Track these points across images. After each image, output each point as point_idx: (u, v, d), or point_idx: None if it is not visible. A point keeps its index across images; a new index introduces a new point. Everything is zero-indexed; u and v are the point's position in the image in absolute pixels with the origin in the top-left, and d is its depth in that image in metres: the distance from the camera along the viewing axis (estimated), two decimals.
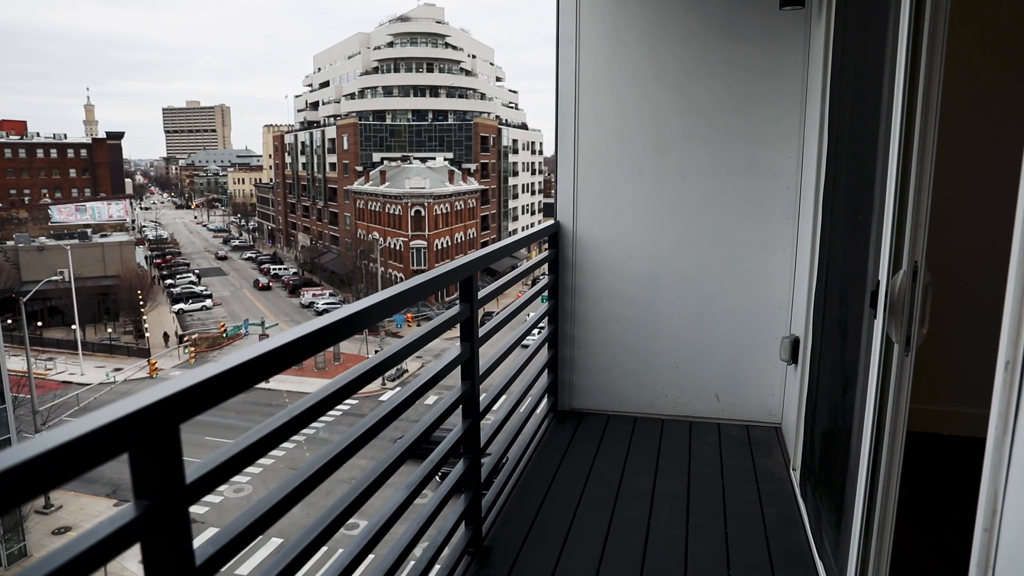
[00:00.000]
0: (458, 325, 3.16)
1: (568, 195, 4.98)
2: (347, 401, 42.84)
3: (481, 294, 3.26)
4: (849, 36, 3.40)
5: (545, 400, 5.01)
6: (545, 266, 4.97)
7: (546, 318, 4.99)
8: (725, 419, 5.02)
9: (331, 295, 73.55)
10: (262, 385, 45.74)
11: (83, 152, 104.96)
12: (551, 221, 5.03)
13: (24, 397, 36.78)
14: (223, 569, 1.57)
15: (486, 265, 3.25)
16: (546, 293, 4.97)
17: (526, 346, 4.66)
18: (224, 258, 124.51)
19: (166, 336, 64.26)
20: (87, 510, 33.09)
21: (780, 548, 3.43)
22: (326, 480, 2.03)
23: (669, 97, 4.73)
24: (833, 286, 3.49)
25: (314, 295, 73.88)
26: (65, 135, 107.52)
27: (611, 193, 4.92)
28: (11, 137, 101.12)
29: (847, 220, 3.24)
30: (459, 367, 3.17)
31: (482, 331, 3.35)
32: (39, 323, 58.35)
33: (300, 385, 49.12)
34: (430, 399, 46.52)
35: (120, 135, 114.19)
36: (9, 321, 55.11)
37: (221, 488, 29.59)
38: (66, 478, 1.10)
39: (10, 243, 62.68)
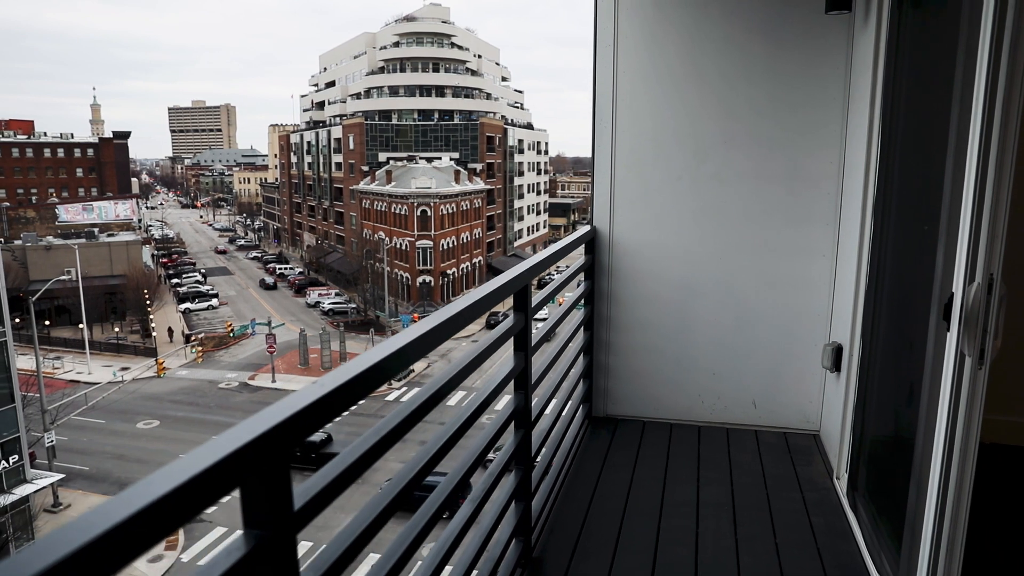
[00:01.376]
0: (509, 334, 3.13)
1: (605, 200, 4.95)
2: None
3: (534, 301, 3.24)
4: (904, 41, 3.36)
5: (580, 407, 4.98)
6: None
7: (581, 325, 4.96)
8: (763, 426, 4.99)
9: (337, 295, 73.62)
10: (269, 385, 45.09)
11: (90, 152, 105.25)
12: (586, 227, 5.00)
13: (33, 396, 36.87)
14: None
15: (539, 273, 3.23)
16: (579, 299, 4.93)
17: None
18: (223, 252, 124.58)
19: (170, 331, 64.56)
20: None
21: (833, 560, 3.40)
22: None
23: (707, 102, 4.69)
24: (887, 294, 3.46)
25: (320, 295, 73.97)
26: (72, 135, 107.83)
27: (648, 199, 4.89)
28: (18, 137, 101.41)
29: (906, 229, 3.20)
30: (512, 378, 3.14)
31: (534, 340, 3.33)
32: (47, 322, 58.53)
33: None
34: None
35: (126, 135, 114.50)
36: (17, 320, 55.27)
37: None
38: (183, 521, 1.02)
39: (18, 242, 62.94)
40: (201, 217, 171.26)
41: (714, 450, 4.68)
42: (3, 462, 28.04)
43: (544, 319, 3.95)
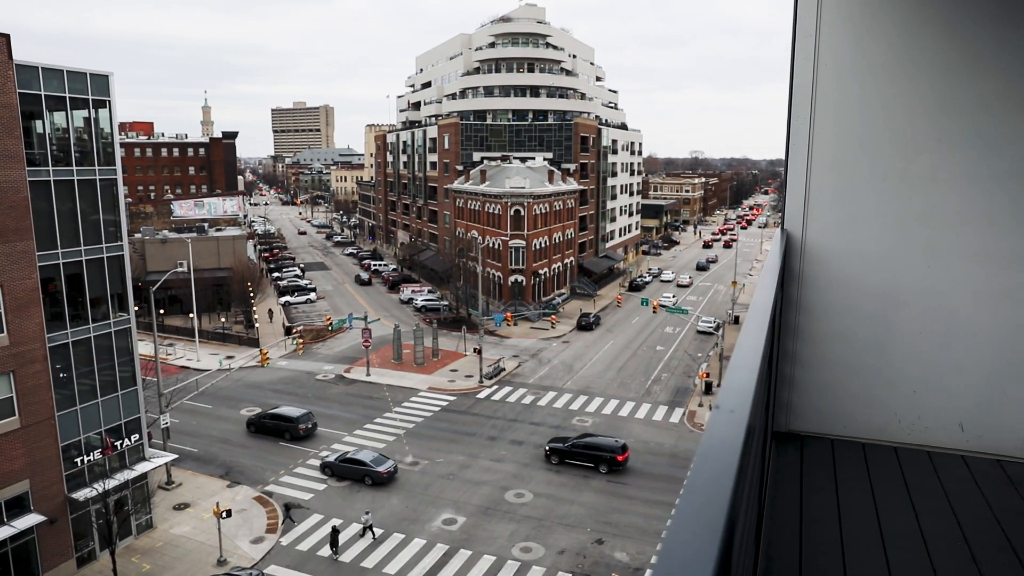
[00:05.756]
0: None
1: (798, 202, 4.58)
2: (444, 397, 42.73)
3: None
4: None
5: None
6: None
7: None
8: (971, 452, 4.51)
9: (430, 292, 74.93)
10: (363, 378, 46.14)
11: (201, 151, 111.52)
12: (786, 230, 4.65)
13: (150, 380, 39.16)
14: None
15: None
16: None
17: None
18: (303, 233, 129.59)
19: (271, 313, 67.82)
20: (203, 489, 34.93)
21: None
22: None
23: (922, 95, 4.26)
24: None
25: (413, 291, 75.49)
26: (186, 135, 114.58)
27: (847, 200, 4.49)
28: (140, 137, 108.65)
29: None
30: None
31: None
32: (161, 311, 62.07)
33: (400, 380, 50.19)
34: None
35: (234, 135, 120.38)
36: (136, 309, 58.96)
37: (323, 476, 29.74)
38: None
39: (138, 235, 67.06)
40: (300, 214, 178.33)
41: (920, 475, 4.25)
42: (126, 440, 29.81)
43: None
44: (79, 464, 27.81)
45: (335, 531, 29.30)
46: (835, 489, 4.05)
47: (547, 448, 37.18)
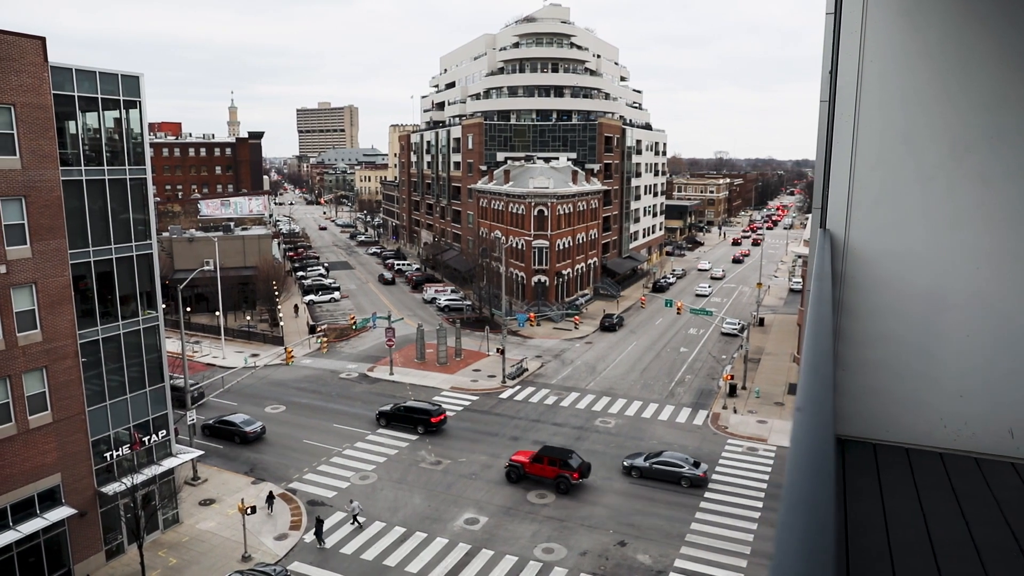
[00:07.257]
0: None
1: (841, 202, 4.48)
2: (467, 397, 42.66)
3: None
4: None
5: None
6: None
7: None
8: (1021, 459, 4.37)
9: (453, 291, 75.07)
10: (387, 377, 46.29)
11: (227, 151, 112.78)
12: (821, 231, 4.55)
13: (177, 377, 39.63)
14: None
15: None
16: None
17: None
18: (324, 228, 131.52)
19: (296, 308, 68.49)
20: (228, 485, 35.30)
21: None
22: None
23: (974, 91, 4.13)
24: None
25: (436, 291, 75.68)
26: (213, 135, 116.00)
27: (892, 200, 4.38)
28: (168, 137, 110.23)
29: None
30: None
31: None
32: (188, 309, 62.88)
33: (423, 379, 50.34)
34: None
35: (260, 135, 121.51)
36: (164, 306, 59.75)
37: (347, 475, 29.83)
38: None
39: (165, 234, 67.93)
40: (324, 213, 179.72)
41: (968, 482, 4.12)
42: (154, 435, 30.19)
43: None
44: (108, 459, 28.23)
45: (319, 521, 30.28)
46: (880, 495, 3.95)
47: (377, 414, 42.81)
